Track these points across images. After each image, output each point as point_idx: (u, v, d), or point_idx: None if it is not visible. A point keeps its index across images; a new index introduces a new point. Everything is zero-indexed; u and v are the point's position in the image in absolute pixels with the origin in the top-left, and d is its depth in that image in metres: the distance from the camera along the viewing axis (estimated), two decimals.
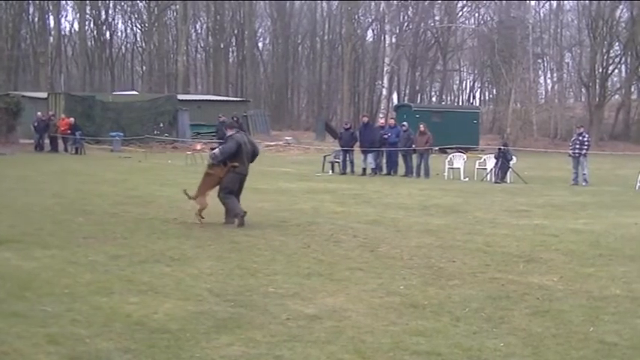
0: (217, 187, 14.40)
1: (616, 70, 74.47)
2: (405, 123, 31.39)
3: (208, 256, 10.89)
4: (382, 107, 63.05)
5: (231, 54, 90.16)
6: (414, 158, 29.62)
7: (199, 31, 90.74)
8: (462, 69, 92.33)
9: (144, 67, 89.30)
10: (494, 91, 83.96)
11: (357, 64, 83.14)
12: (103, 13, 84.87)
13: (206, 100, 58.51)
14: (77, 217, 14.58)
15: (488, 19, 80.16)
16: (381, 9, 68.90)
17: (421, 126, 29.87)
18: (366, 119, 32.09)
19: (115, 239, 12.09)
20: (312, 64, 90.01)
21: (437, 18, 78.47)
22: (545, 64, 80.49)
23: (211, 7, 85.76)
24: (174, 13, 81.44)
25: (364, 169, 29.59)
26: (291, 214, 15.72)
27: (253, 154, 14.70)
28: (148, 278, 9.24)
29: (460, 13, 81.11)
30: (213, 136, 42.91)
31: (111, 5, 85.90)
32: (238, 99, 66.70)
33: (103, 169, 29.76)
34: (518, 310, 7.93)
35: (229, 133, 14.59)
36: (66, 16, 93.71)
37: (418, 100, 77.62)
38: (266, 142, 49.39)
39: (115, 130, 46.50)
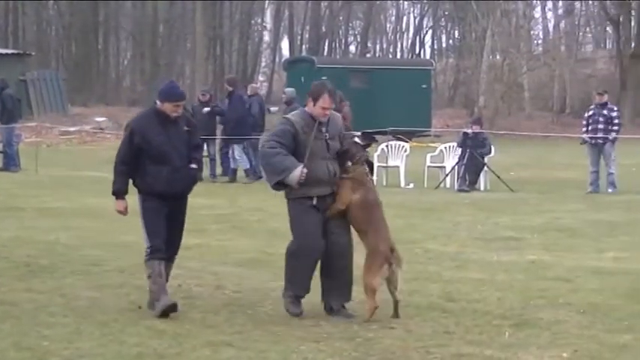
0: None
1: None
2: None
3: None
4: (263, 63, 54.16)
5: None
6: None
7: None
8: None
9: None
10: (456, 33, 60.66)
11: None
12: None
13: None
14: None
15: None
16: None
17: (338, 97, 20.98)
18: (230, 88, 21.32)
19: None
20: None
21: None
22: None
23: None
24: None
25: (233, 171, 20.64)
26: (108, 252, 11.70)
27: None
28: None
29: None
30: None
31: None
32: (10, 51, 43.86)
33: None
34: None
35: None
36: None
37: (324, 51, 59.19)
38: (63, 126, 37.13)
39: None
